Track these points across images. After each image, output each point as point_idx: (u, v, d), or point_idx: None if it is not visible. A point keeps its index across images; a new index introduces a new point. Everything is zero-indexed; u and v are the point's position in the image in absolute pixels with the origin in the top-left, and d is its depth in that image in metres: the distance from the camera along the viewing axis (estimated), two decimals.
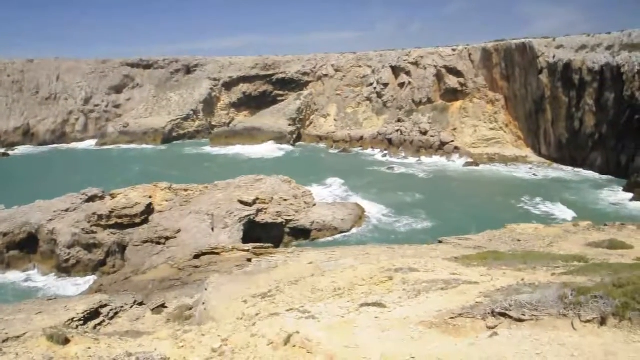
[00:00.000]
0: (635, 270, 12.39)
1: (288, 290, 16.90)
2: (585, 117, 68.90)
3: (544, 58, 74.38)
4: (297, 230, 43.60)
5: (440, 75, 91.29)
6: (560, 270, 15.06)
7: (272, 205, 43.90)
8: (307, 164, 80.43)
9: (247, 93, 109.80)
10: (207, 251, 32.51)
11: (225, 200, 43.10)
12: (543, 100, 74.72)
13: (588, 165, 68.81)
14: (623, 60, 64.68)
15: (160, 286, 28.12)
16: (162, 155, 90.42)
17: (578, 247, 23.68)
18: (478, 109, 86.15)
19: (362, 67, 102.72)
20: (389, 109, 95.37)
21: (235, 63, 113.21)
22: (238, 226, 40.30)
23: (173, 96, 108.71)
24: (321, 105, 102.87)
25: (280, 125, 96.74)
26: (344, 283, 16.13)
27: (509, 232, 30.22)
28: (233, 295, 17.29)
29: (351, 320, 9.65)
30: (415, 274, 15.76)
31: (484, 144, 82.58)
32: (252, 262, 26.85)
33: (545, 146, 76.12)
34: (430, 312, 9.81)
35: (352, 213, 47.30)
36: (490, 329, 8.04)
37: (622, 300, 7.45)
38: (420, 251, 24.71)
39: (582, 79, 68.98)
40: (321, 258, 23.48)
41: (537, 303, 8.35)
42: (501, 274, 15.11)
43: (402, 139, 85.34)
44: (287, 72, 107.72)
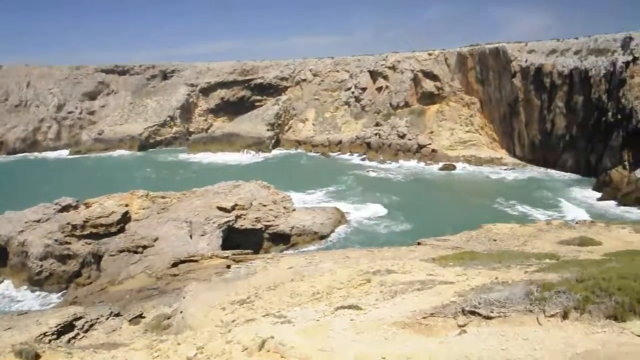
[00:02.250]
0: (602, 265, 12.83)
1: (267, 295, 16.95)
2: (557, 119, 70.69)
3: (516, 62, 76.05)
4: (277, 235, 43.53)
5: (417, 79, 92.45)
6: (533, 268, 15.44)
7: (251, 211, 43.77)
8: (286, 169, 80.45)
9: (225, 99, 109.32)
10: (185, 259, 32.21)
11: (203, 207, 42.80)
12: (516, 103, 76.33)
13: (560, 165, 70.53)
14: (590, 64, 66.73)
15: (138, 296, 27.75)
16: (139, 163, 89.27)
17: (550, 245, 24.25)
18: (454, 112, 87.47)
19: (340, 72, 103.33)
20: (367, 113, 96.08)
21: (213, 68, 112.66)
22: (217, 233, 40.05)
23: (149, 102, 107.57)
24: (299, 110, 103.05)
25: (259, 130, 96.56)
26: (323, 287, 16.24)
27: (485, 232, 30.72)
28: (211, 302, 17.24)
29: (326, 323, 9.76)
30: (393, 276, 15.98)
31: (461, 146, 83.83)
32: (232, 268, 26.72)
33: (520, 148, 77.72)
34: (404, 312, 10.00)
35: (331, 217, 47.47)
36: (460, 327, 8.25)
37: (583, 295, 7.76)
38: (399, 253, 24.95)
39: (552, 82, 70.81)
40: (301, 263, 23.55)
41: (504, 300, 8.62)
42: (476, 273, 15.41)
43: (381, 143, 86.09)
44: (265, 78, 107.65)
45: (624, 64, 62.72)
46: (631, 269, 10.11)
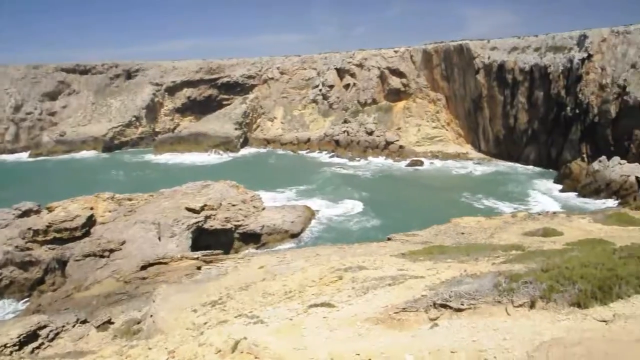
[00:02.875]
0: (564, 255, 13.26)
1: (239, 296, 16.81)
2: (519, 114, 72.71)
3: (480, 59, 77.78)
4: (247, 235, 43.19)
5: (383, 76, 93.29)
6: (500, 260, 15.84)
7: (220, 211, 43.28)
8: (255, 167, 79.91)
9: (192, 98, 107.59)
10: (154, 262, 31.61)
11: (171, 208, 42.06)
12: (481, 99, 78.08)
13: (523, 159, 72.62)
14: (549, 61, 68.97)
15: (106, 301, 27.06)
16: (104, 165, 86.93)
17: (516, 236, 24.96)
18: (421, 108, 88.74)
19: (307, 70, 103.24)
20: (335, 110, 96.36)
21: (179, 67, 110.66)
22: (186, 234, 39.44)
23: (113, 102, 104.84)
24: (267, 108, 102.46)
25: (227, 129, 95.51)
26: (295, 285, 16.23)
27: (453, 226, 31.36)
28: (182, 305, 16.98)
29: (300, 322, 9.75)
30: (364, 272, 16.11)
31: (428, 142, 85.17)
32: (202, 270, 26.42)
33: (484, 142, 79.55)
34: (377, 308, 10.09)
35: (301, 215, 47.43)
36: (432, 321, 8.39)
37: (548, 284, 8.00)
38: (370, 249, 25.19)
39: (514, 78, 72.79)
40: (272, 262, 23.47)
41: (474, 292, 8.80)
42: (446, 266, 15.69)
43: (349, 140, 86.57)
44: (232, 76, 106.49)
45: (580, 60, 65.02)
46: (592, 257, 10.48)
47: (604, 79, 62.15)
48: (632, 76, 59.81)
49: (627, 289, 7.93)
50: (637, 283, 8.00)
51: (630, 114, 58.34)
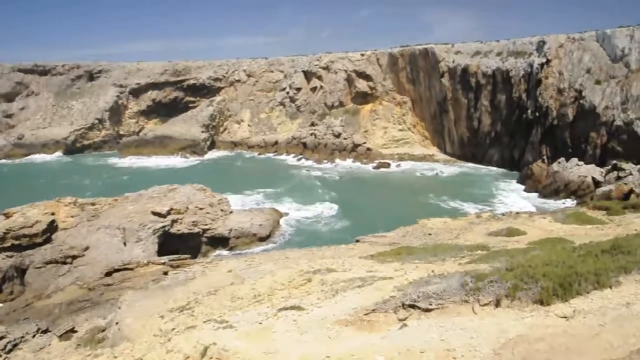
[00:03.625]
0: (527, 254, 13.66)
1: (207, 301, 16.58)
2: (483, 117, 74.62)
3: (444, 63, 79.44)
4: (215, 238, 42.67)
5: (350, 79, 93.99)
6: (466, 260, 16.17)
7: (187, 215, 42.60)
8: (222, 171, 79.08)
9: (157, 100, 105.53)
10: (119, 267, 30.81)
11: (137, 212, 41.12)
12: (445, 101, 79.70)
13: (487, 161, 74.51)
14: (510, 65, 71.14)
15: (69, 309, 26.21)
16: (65, 169, 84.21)
17: (481, 236, 25.53)
18: (387, 111, 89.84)
19: (274, 72, 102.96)
20: (302, 113, 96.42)
21: (143, 69, 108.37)
22: (152, 239, 38.62)
23: (75, 104, 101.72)
24: (234, 111, 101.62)
25: (193, 132, 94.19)
26: (264, 289, 16.13)
27: (420, 227, 31.78)
28: (149, 311, 16.63)
29: (269, 325, 9.70)
30: (333, 274, 16.16)
31: (394, 144, 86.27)
32: (169, 275, 25.91)
33: (450, 145, 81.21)
34: (346, 310, 10.14)
35: (269, 218, 47.18)
36: (401, 321, 8.49)
37: (513, 283, 8.23)
38: (338, 251, 25.27)
39: (478, 82, 74.68)
40: (240, 265, 23.23)
41: (442, 292, 8.96)
42: (414, 267, 15.91)
43: (317, 143, 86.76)
44: (199, 78, 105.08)
45: (539, 65, 67.28)
46: (553, 256, 10.85)
47: (561, 84, 64.46)
48: (587, 81, 62.27)
49: (586, 285, 8.25)
50: (595, 279, 8.33)
51: (586, 117, 60.74)
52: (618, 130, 57.49)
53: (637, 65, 59.18)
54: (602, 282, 8.28)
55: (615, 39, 62.19)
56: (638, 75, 58.71)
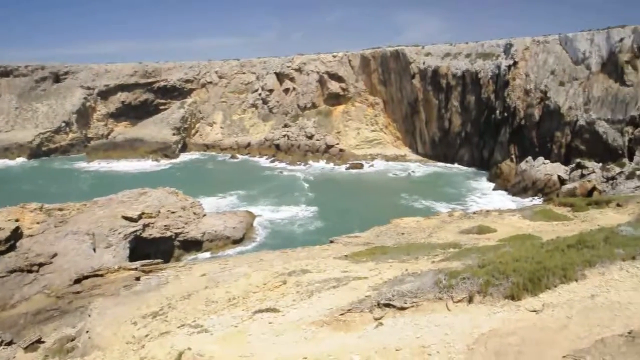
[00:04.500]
0: (498, 250, 13.97)
1: (181, 305, 16.36)
2: (453, 118, 75.97)
3: (415, 64, 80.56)
4: (188, 242, 42.11)
5: (322, 80, 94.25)
6: (439, 258, 16.41)
7: (159, 219, 41.89)
8: (195, 174, 78.12)
9: (127, 102, 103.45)
10: (89, 274, 30.06)
11: (107, 217, 40.19)
12: (417, 102, 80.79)
13: (458, 160, 75.92)
14: (479, 67, 72.72)
15: (35, 319, 25.43)
16: (31, 173, 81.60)
17: (453, 235, 25.93)
18: (359, 112, 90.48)
19: (246, 74, 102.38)
20: (274, 114, 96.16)
21: (112, 70, 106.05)
22: (123, 244, 37.82)
23: (40, 107, 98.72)
24: (206, 113, 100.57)
25: (164, 135, 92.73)
26: (239, 292, 16.02)
27: (393, 226, 32.05)
28: (121, 318, 16.31)
29: (245, 329, 9.64)
30: (308, 276, 16.16)
31: (367, 145, 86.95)
32: (141, 280, 25.43)
33: (421, 145, 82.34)
34: (322, 311, 10.16)
35: (243, 221, 46.86)
36: (377, 320, 8.57)
37: (484, 279, 8.41)
38: (313, 252, 25.26)
39: (448, 83, 76.02)
40: (214, 269, 23.00)
41: (416, 290, 9.09)
42: (388, 266, 16.05)
43: (289, 144, 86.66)
44: (169, 80, 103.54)
45: (507, 67, 68.94)
46: (523, 252, 11.13)
47: (528, 85, 66.19)
48: (551, 82, 64.14)
49: (554, 279, 8.50)
50: (562, 274, 8.59)
51: (551, 117, 62.56)
52: (581, 129, 59.39)
53: (597, 67, 61.31)
54: (569, 276, 8.55)
55: (577, 43, 64.28)
56: (598, 77, 60.82)
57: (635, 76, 57.42)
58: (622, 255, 9.08)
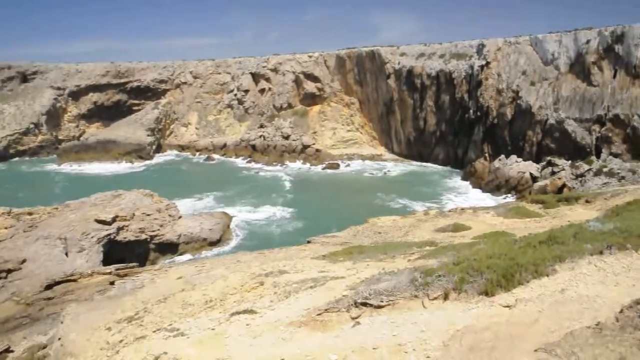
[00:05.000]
0: (472, 248, 14.21)
1: (157, 309, 16.13)
2: (428, 117, 76.90)
3: (390, 64, 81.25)
4: (164, 245, 41.54)
5: (298, 80, 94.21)
6: (415, 256, 16.58)
7: (134, 222, 41.22)
8: (170, 175, 77.07)
9: (99, 103, 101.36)
10: (61, 279, 29.32)
11: (79, 221, 39.33)
12: (392, 102, 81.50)
13: (433, 159, 76.90)
14: (453, 67, 73.81)
15: (4, 328, 24.65)
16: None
17: (429, 233, 26.25)
18: (335, 112, 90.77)
19: (221, 74, 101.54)
20: (250, 115, 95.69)
21: (83, 70, 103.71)
22: (97, 248, 37.09)
23: (7, 108, 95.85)
24: (181, 113, 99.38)
25: (138, 136, 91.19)
26: (216, 294, 15.89)
27: (370, 226, 32.27)
28: (95, 323, 15.97)
29: (222, 331, 9.57)
30: (286, 276, 16.14)
31: (343, 145, 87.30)
32: (116, 284, 24.95)
33: (397, 144, 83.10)
34: (299, 311, 10.16)
35: (220, 222, 46.47)
36: (354, 319, 8.62)
37: (459, 276, 8.56)
38: (290, 253, 25.22)
39: (422, 83, 76.92)
40: (191, 271, 22.74)
41: (392, 289, 9.18)
42: (365, 266, 16.14)
43: (266, 145, 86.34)
44: (143, 80, 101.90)
45: (479, 67, 70.17)
46: (496, 249, 11.35)
47: (500, 85, 67.50)
48: (523, 82, 65.57)
49: (526, 275, 8.70)
50: (534, 269, 8.81)
51: (523, 116, 63.95)
52: (551, 128, 60.87)
53: (566, 68, 62.96)
54: (540, 272, 8.77)
55: (546, 44, 65.86)
56: (567, 77, 62.45)
57: (601, 77, 59.15)
58: (591, 250, 9.35)
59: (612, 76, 58.33)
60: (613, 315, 6.29)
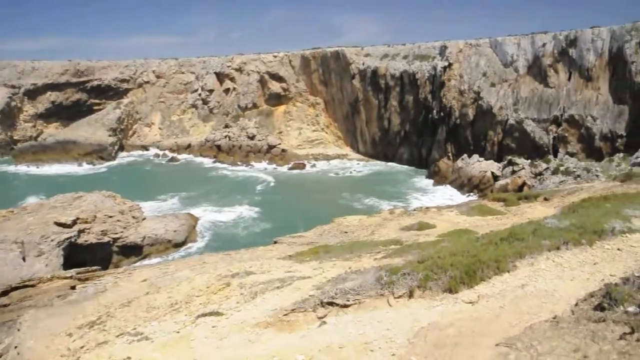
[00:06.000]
0: (436, 246, 14.49)
1: (120, 313, 15.76)
2: (392, 117, 77.95)
3: (355, 65, 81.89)
4: (127, 247, 40.56)
5: (263, 80, 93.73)
6: (381, 255, 16.77)
7: (96, 224, 40.06)
8: (133, 176, 75.27)
9: (57, 102, 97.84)
10: (18, 285, 28.15)
11: (37, 223, 37.92)
12: (357, 102, 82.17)
13: (397, 159, 77.97)
14: (416, 68, 75.08)
15: None
16: None
17: (394, 232, 26.58)
18: (301, 112, 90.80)
19: (185, 74, 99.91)
20: (215, 115, 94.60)
21: (40, 68, 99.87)
22: (56, 251, 35.86)
23: None
24: (144, 113, 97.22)
25: (100, 136, 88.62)
26: (181, 296, 15.65)
27: (336, 225, 32.42)
28: (54, 330, 15.47)
29: (188, 334, 9.44)
30: (252, 277, 16.05)
31: (309, 145, 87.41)
32: (77, 289, 24.22)
33: (362, 144, 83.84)
34: (266, 312, 10.13)
35: (185, 223, 45.75)
36: (320, 319, 8.66)
37: (424, 274, 8.72)
38: (257, 254, 25.08)
39: (387, 83, 77.90)
40: (155, 274, 22.33)
41: (358, 288, 9.27)
42: (331, 265, 16.22)
43: (231, 145, 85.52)
44: (104, 79, 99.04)
45: (442, 68, 71.60)
46: (460, 246, 11.63)
47: (462, 86, 69.09)
48: (483, 83, 67.34)
49: (488, 271, 8.96)
50: (496, 266, 9.08)
51: (484, 116, 65.69)
52: (511, 128, 62.76)
53: (524, 70, 65.06)
54: (502, 268, 9.05)
55: (506, 46, 67.85)
56: (525, 79, 64.54)
57: (557, 79, 61.41)
58: (548, 246, 9.71)
59: (567, 78, 60.64)
60: (569, 309, 6.56)
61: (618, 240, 9.74)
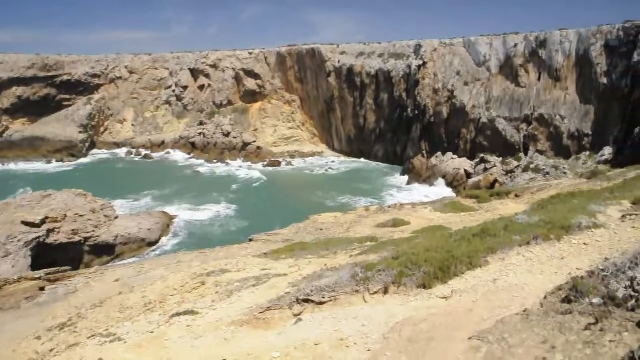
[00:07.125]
0: (411, 242, 14.68)
1: (92, 314, 15.47)
2: (368, 115, 78.42)
3: (331, 62, 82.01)
4: (99, 247, 39.73)
5: (239, 77, 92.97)
6: (356, 252, 16.90)
7: (66, 223, 39.09)
8: (105, 174, 73.74)
9: (24, 97, 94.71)
10: None
11: (4, 223, 36.78)
12: (333, 100, 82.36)
13: (373, 156, 78.50)
14: (391, 66, 75.69)
15: None
16: None
17: (370, 228, 26.81)
18: (276, 109, 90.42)
19: (159, 70, 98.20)
20: (189, 112, 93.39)
21: (5, 62, 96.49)
22: (24, 252, 34.85)
23: None
24: (116, 109, 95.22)
25: (69, 133, 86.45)
26: (155, 296, 15.47)
27: (312, 222, 32.51)
28: (22, 333, 15.09)
29: (162, 334, 9.33)
30: (228, 275, 15.96)
31: (284, 142, 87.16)
32: (46, 290, 23.63)
33: (338, 142, 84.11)
34: (241, 310, 10.10)
35: (159, 222, 45.10)
36: (296, 316, 8.68)
37: (399, 270, 8.83)
38: (232, 252, 24.94)
39: (362, 81, 78.30)
40: (129, 273, 22.00)
41: (334, 285, 9.31)
42: (307, 262, 16.26)
43: (206, 142, 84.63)
44: (74, 74, 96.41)
45: (417, 67, 72.34)
46: (434, 242, 11.81)
47: (436, 84, 69.94)
48: (457, 82, 68.31)
49: (461, 267, 9.13)
50: (468, 261, 9.25)
51: (458, 115, 66.68)
52: (484, 126, 63.89)
53: (496, 70, 66.23)
54: (474, 263, 9.23)
55: (479, 46, 68.92)
56: (497, 79, 65.74)
57: (528, 79, 62.74)
58: (519, 241, 9.95)
59: (537, 78, 62.01)
60: (539, 302, 6.74)
61: (584, 235, 10.05)
